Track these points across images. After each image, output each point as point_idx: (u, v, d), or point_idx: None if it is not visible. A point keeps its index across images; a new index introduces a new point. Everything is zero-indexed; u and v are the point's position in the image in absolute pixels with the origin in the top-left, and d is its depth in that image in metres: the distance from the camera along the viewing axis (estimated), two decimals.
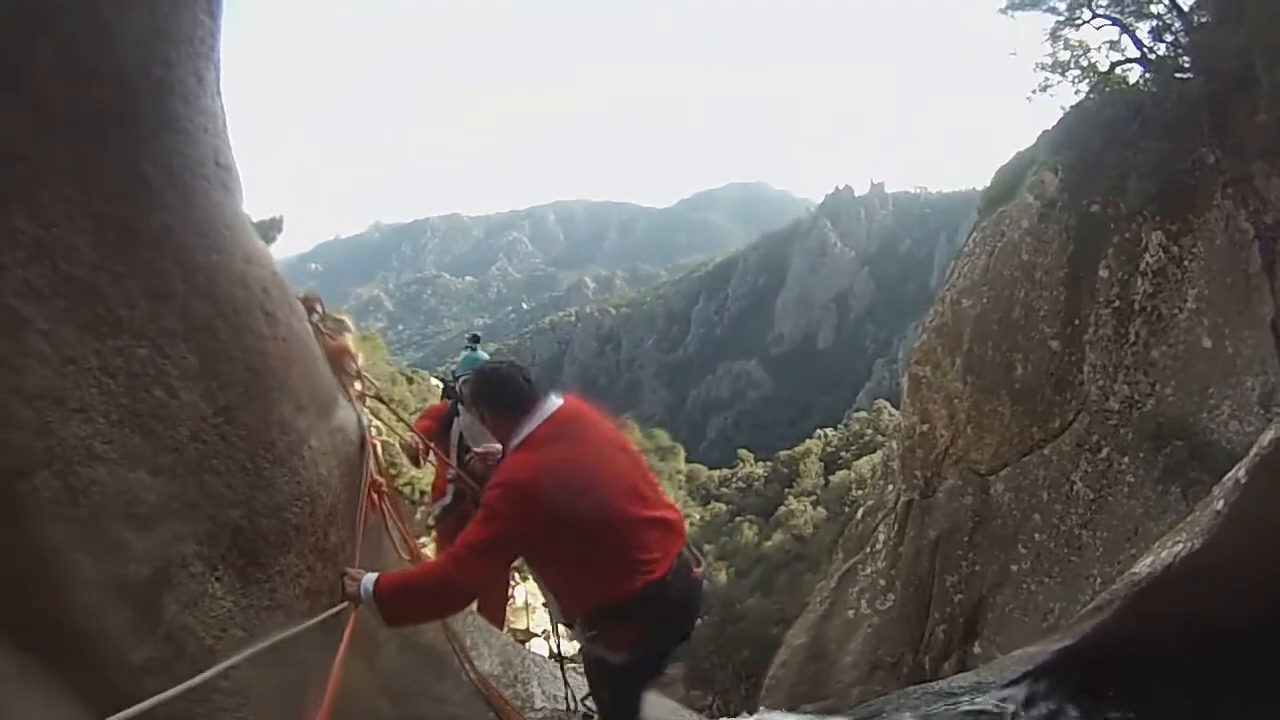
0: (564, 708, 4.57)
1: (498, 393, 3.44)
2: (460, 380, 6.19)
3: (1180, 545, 4.16)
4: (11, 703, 1.80)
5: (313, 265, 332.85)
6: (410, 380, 44.87)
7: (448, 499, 5.97)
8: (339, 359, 3.53)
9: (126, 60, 2.07)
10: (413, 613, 3.18)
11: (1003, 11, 10.37)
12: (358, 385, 3.66)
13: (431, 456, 5.74)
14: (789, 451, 62.24)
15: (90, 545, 1.94)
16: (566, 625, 3.61)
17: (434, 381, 46.48)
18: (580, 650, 3.69)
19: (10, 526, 1.82)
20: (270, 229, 38.09)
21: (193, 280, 2.31)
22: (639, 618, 3.25)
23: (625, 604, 3.22)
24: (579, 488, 3.14)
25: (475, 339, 6.82)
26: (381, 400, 4.34)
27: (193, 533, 2.23)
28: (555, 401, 3.40)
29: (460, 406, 6.00)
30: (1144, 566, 4.48)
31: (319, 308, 3.45)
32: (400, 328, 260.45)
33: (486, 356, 6.34)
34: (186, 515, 2.21)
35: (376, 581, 2.93)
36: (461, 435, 6.02)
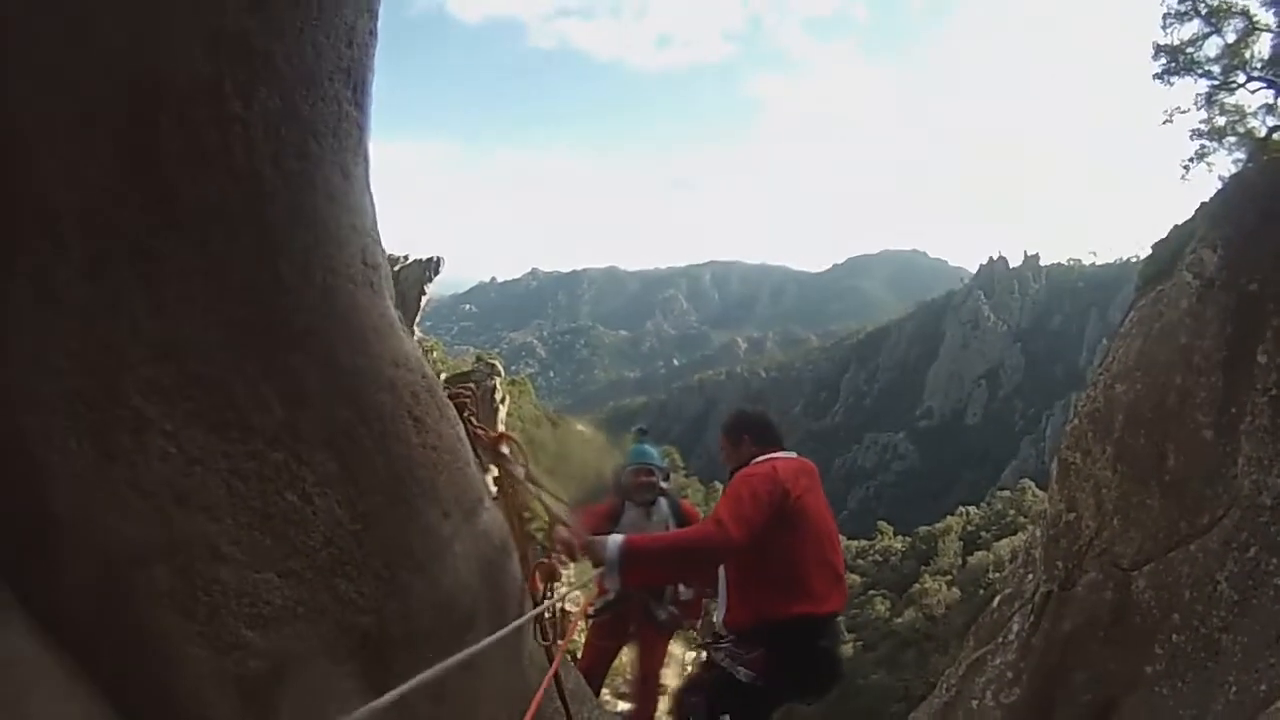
0: None
1: (760, 426, 4.27)
2: (626, 470, 6.17)
3: None
4: None
5: (467, 306, 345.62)
6: (555, 425, 45.87)
7: (611, 595, 5.93)
8: (495, 445, 3.63)
9: (256, 151, 1.97)
10: (658, 566, 3.70)
11: (1157, 77, 9.91)
12: (519, 470, 3.71)
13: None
14: (928, 528, 60.25)
15: (207, 639, 1.88)
16: (717, 638, 4.12)
17: (579, 427, 47.35)
18: (711, 660, 4.17)
19: (124, 612, 1.78)
20: (428, 269, 40.05)
21: (335, 385, 2.26)
22: (782, 646, 3.77)
23: (779, 627, 3.76)
24: (805, 505, 3.81)
25: (644, 431, 6.76)
26: (537, 483, 4.36)
27: (318, 635, 2.15)
28: (792, 453, 4.16)
29: (628, 504, 5.99)
30: None
31: (470, 405, 3.49)
32: (551, 374, 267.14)
33: (655, 451, 6.34)
34: (313, 618, 2.13)
35: (625, 539, 3.44)
36: None
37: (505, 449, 3.64)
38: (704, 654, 4.48)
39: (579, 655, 6.80)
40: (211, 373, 1.92)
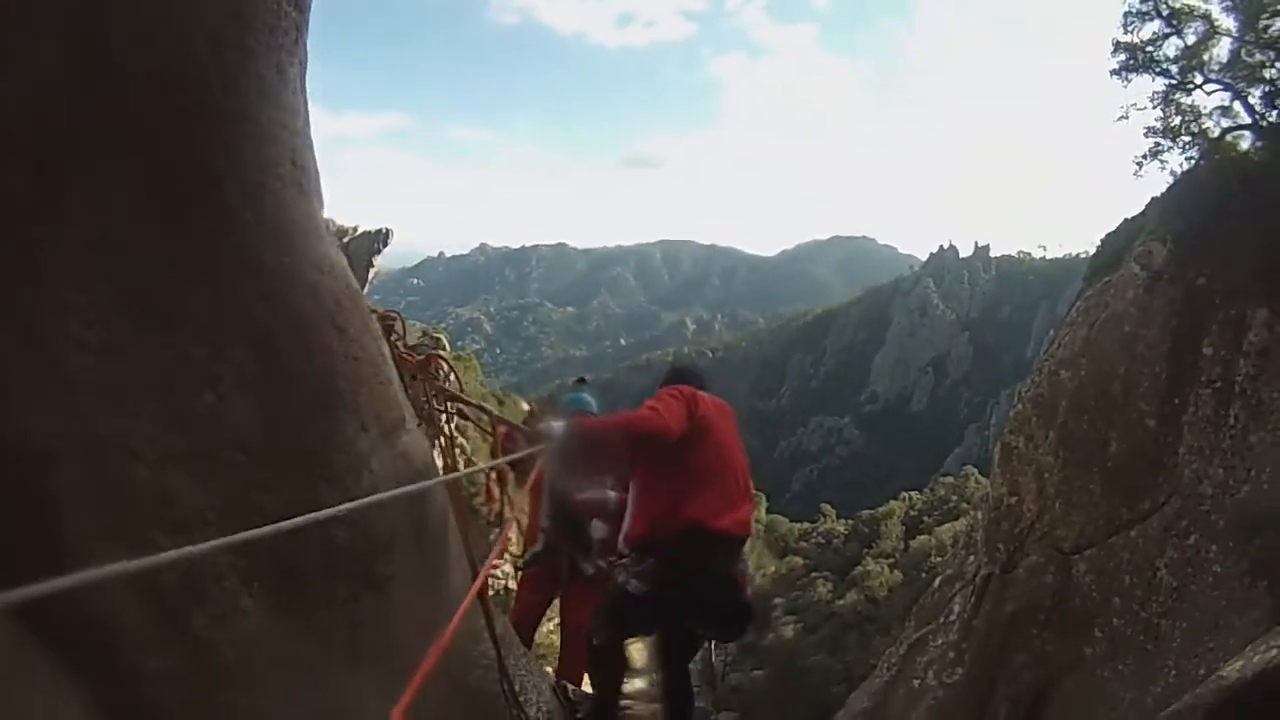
0: None
1: (680, 375, 4.54)
2: (564, 413, 6.18)
3: (1274, 651, 3.85)
4: (20, 696, 1.66)
5: (415, 281, 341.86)
6: (501, 402, 45.56)
7: (539, 546, 5.92)
8: (425, 368, 3.53)
9: (197, 42, 1.98)
10: (604, 440, 3.80)
11: (1115, 74, 9.99)
12: (453, 386, 3.63)
13: (524, 502, 5.77)
14: (871, 511, 60.91)
15: (119, 544, 1.79)
16: (619, 556, 4.23)
17: (524, 406, 47.17)
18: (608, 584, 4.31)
19: (37, 516, 1.71)
20: (377, 241, 39.57)
21: (259, 285, 2.21)
22: (672, 554, 3.88)
23: (670, 536, 3.88)
24: (710, 425, 4.05)
25: (582, 380, 6.90)
26: (463, 410, 4.32)
27: (230, 545, 2.04)
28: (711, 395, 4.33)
29: None
30: (1233, 671, 4.16)
31: (398, 328, 3.42)
32: (498, 351, 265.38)
33: (591, 399, 6.40)
34: (224, 526, 2.02)
35: (572, 420, 3.65)
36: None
37: (436, 370, 3.61)
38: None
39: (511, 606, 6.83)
40: (136, 261, 1.88)
